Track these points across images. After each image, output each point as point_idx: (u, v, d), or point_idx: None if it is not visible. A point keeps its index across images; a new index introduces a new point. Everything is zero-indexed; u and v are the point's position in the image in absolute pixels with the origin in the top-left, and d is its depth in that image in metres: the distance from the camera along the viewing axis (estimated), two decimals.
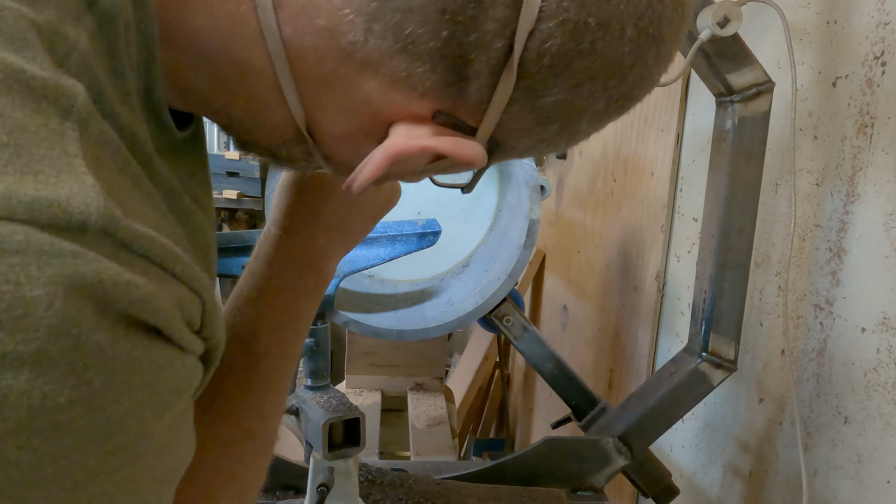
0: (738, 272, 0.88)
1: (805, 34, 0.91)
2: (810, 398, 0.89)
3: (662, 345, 1.30)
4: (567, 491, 0.90)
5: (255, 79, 0.34)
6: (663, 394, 0.91)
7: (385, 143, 0.36)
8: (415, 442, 1.18)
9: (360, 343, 1.32)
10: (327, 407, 0.74)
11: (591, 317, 1.64)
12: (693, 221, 1.19)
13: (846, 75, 0.84)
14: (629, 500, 1.39)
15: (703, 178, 0.92)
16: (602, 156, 1.59)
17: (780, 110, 0.91)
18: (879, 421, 0.77)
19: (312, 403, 0.75)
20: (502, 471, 0.91)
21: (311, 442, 0.75)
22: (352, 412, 0.73)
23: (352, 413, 0.73)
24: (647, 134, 1.35)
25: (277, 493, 0.88)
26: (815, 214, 0.88)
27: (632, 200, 1.42)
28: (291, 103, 0.35)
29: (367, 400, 1.32)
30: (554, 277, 1.98)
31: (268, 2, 0.32)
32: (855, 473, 0.81)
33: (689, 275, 1.17)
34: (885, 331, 0.77)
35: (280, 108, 0.36)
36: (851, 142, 0.83)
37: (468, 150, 0.36)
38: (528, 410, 2.17)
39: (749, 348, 1.02)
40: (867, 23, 0.80)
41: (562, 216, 1.91)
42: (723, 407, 1.10)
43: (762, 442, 0.99)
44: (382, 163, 0.36)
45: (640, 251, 1.36)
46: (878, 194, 0.78)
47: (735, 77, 0.83)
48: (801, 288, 0.91)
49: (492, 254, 1.06)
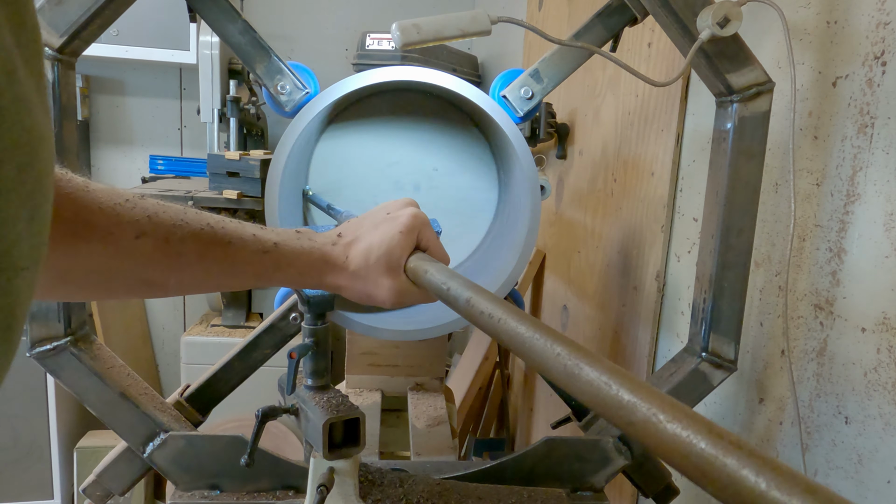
0: (738, 272, 0.88)
1: (805, 34, 0.91)
2: (810, 398, 0.89)
3: (662, 345, 1.30)
4: (567, 491, 0.90)
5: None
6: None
7: None
8: (415, 442, 1.18)
9: (360, 343, 1.32)
10: (327, 407, 0.74)
11: (591, 317, 1.64)
12: (693, 221, 1.19)
13: (846, 75, 0.84)
14: (629, 500, 1.39)
15: (703, 178, 0.92)
16: (602, 156, 1.59)
17: (780, 110, 0.91)
18: (880, 421, 0.77)
19: (312, 403, 0.75)
20: (502, 471, 0.91)
21: (311, 442, 0.75)
22: (352, 412, 0.73)
23: (352, 413, 0.73)
24: (647, 134, 1.35)
25: (277, 492, 0.88)
26: (815, 214, 0.88)
27: (632, 200, 1.41)
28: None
29: (367, 400, 1.31)
30: (554, 277, 1.98)
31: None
32: (855, 473, 0.81)
33: (689, 275, 1.17)
34: (885, 331, 0.77)
35: None
36: (851, 142, 0.83)
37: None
38: (528, 410, 2.17)
39: (749, 348, 1.02)
40: (867, 23, 0.80)
41: (562, 216, 1.91)
42: (723, 407, 1.10)
43: (762, 442, 0.99)
44: None
45: (640, 251, 1.36)
46: (878, 194, 0.78)
47: (735, 77, 0.83)
48: (801, 288, 0.91)
49: (492, 254, 1.06)
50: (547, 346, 0.40)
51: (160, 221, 0.54)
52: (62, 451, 2.48)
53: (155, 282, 0.57)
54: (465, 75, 2.52)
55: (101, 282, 0.55)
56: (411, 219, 0.67)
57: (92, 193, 0.51)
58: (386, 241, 0.65)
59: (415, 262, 0.64)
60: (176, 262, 0.56)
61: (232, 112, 2.45)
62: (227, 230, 0.59)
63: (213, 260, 0.58)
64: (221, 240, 0.58)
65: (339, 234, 0.67)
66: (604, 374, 0.35)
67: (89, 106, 2.88)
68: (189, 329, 2.58)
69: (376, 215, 0.69)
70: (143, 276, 0.56)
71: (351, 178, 1.07)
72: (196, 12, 0.88)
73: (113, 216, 0.52)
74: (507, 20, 0.84)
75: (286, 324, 0.97)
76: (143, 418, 0.86)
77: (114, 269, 0.54)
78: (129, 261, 0.54)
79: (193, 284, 0.60)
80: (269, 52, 0.90)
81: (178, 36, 2.55)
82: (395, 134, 1.07)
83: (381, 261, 0.65)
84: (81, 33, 0.81)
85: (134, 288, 0.57)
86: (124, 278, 0.55)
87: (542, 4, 2.13)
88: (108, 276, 0.54)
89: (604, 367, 0.35)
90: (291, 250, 0.62)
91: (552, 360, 0.39)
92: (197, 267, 0.58)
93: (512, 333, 0.43)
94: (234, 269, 0.59)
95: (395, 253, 0.65)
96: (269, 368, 1.03)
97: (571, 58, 0.91)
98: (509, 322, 0.44)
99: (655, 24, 0.91)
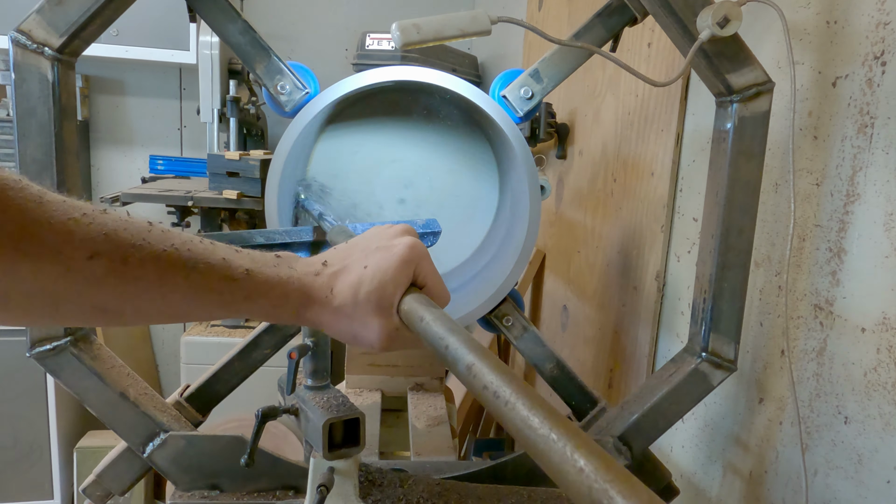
0: (738, 272, 0.87)
1: (805, 34, 0.91)
2: (810, 398, 0.89)
3: (662, 345, 1.30)
4: None
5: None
6: (663, 394, 0.91)
7: None
8: (415, 442, 1.18)
9: None
10: (327, 407, 0.74)
11: (591, 317, 1.64)
12: (693, 221, 1.19)
13: (846, 75, 0.84)
14: None
15: (703, 178, 0.92)
16: (602, 156, 1.59)
17: (780, 110, 0.91)
18: (879, 421, 0.77)
19: (312, 403, 0.75)
20: (502, 471, 0.91)
21: (311, 442, 0.75)
22: (352, 412, 0.73)
23: (352, 413, 0.73)
24: (647, 134, 1.35)
25: (277, 492, 0.88)
26: (815, 214, 0.88)
27: (632, 200, 1.41)
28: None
29: (367, 400, 1.31)
30: (554, 277, 1.98)
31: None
32: (855, 473, 0.81)
33: (689, 275, 1.17)
34: (885, 331, 0.77)
35: None
36: (851, 142, 0.83)
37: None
38: None
39: (749, 348, 1.02)
40: (867, 23, 0.80)
41: (562, 216, 1.91)
42: (723, 407, 1.10)
43: (762, 442, 0.99)
44: None
45: (640, 251, 1.36)
46: (878, 194, 0.78)
47: (735, 77, 0.83)
48: (801, 288, 0.91)
49: (492, 254, 1.06)
50: (567, 453, 0.31)
51: (118, 240, 0.49)
52: (62, 451, 2.48)
53: (108, 308, 0.51)
54: (465, 75, 2.52)
55: (47, 305, 0.49)
56: (408, 250, 0.58)
57: (44, 206, 0.46)
58: (378, 275, 0.56)
59: (409, 304, 0.56)
60: (133, 287, 0.50)
61: (232, 112, 2.46)
62: (194, 253, 0.52)
63: (174, 286, 0.51)
64: (185, 264, 0.51)
65: (324, 261, 0.59)
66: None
67: (89, 106, 2.88)
68: (189, 329, 2.58)
69: (369, 242, 0.60)
70: (95, 302, 0.50)
71: (350, 178, 1.07)
72: (196, 12, 0.88)
73: (64, 232, 0.46)
74: (507, 20, 0.84)
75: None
76: (143, 418, 0.86)
77: (62, 292, 0.48)
78: (79, 283, 0.48)
79: (152, 313, 0.53)
80: (269, 52, 0.90)
81: (178, 36, 2.55)
82: (395, 134, 1.07)
83: (371, 297, 0.56)
84: (81, 33, 0.81)
85: (85, 314, 0.51)
86: (73, 303, 0.49)
87: (542, 4, 2.13)
88: (54, 299, 0.48)
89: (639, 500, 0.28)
90: (265, 279, 0.55)
91: (573, 474, 0.30)
92: (156, 293, 0.51)
93: (521, 425, 0.34)
94: (197, 297, 0.53)
95: (387, 289, 0.56)
96: (269, 368, 1.02)
97: (571, 58, 0.91)
98: (518, 409, 0.35)
99: (655, 24, 0.91)
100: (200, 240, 0.54)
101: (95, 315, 0.51)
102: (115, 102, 2.93)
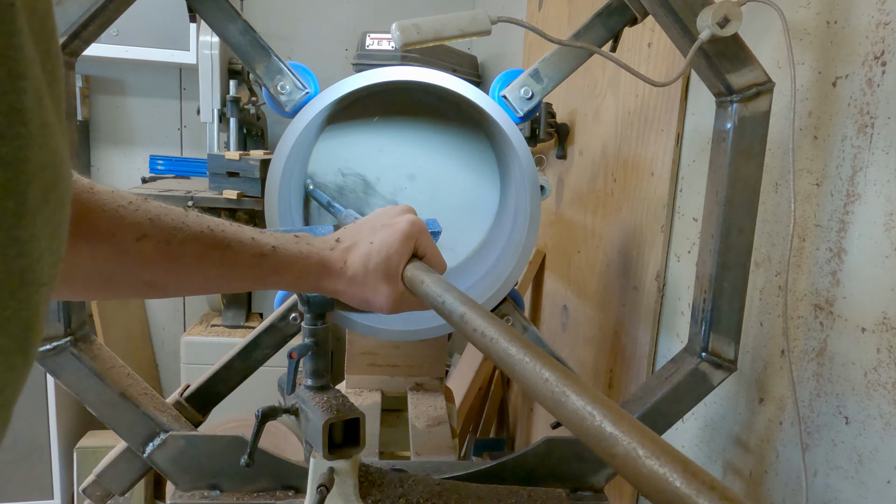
0: (738, 272, 0.88)
1: (805, 34, 0.91)
2: (810, 398, 0.89)
3: (662, 345, 1.30)
4: (567, 491, 0.90)
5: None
6: (663, 394, 0.91)
7: None
8: (415, 442, 1.18)
9: (360, 343, 1.32)
10: (327, 407, 0.74)
11: (591, 317, 1.64)
12: (693, 221, 1.19)
13: (846, 75, 0.84)
14: (629, 500, 1.39)
15: (703, 178, 0.92)
16: (602, 156, 1.59)
17: (780, 110, 0.91)
18: (880, 421, 0.77)
19: (312, 403, 0.75)
20: (502, 471, 0.91)
21: (311, 442, 0.75)
22: (352, 412, 0.73)
23: (352, 413, 0.73)
24: (647, 134, 1.35)
25: (277, 493, 0.88)
26: (815, 214, 0.88)
27: (632, 200, 1.41)
28: None
29: (367, 400, 1.31)
30: (554, 277, 1.98)
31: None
32: (855, 473, 0.81)
33: (689, 275, 1.17)
34: (885, 331, 0.77)
35: None
36: (851, 142, 0.83)
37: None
38: (528, 410, 2.17)
39: (749, 348, 1.02)
40: (867, 23, 0.80)
41: (562, 216, 1.91)
42: (723, 407, 1.10)
43: (762, 442, 0.99)
44: None
45: (640, 251, 1.36)
46: (878, 194, 0.78)
47: (735, 77, 0.83)
48: (801, 288, 0.91)
49: (492, 254, 1.06)
50: (536, 370, 0.40)
51: (162, 224, 0.55)
52: (62, 451, 2.48)
53: (155, 283, 0.58)
54: (465, 75, 2.52)
55: (103, 282, 0.55)
56: (409, 226, 0.67)
57: (96, 195, 0.52)
58: (385, 248, 0.65)
59: (412, 271, 0.65)
60: (176, 264, 0.57)
61: (232, 112, 2.45)
62: (227, 233, 0.59)
63: (212, 263, 0.59)
64: (220, 243, 0.59)
65: (337, 238, 0.68)
66: (589, 404, 0.35)
67: (89, 106, 2.88)
68: (189, 329, 2.58)
69: (375, 221, 0.69)
70: (143, 278, 0.57)
71: (350, 177, 1.07)
72: (196, 12, 0.88)
73: (116, 218, 0.53)
74: (507, 20, 0.84)
75: (286, 324, 0.97)
76: (143, 418, 0.86)
77: (115, 270, 0.54)
78: (130, 262, 0.55)
79: (193, 286, 0.61)
80: (269, 52, 0.90)
81: (178, 36, 2.55)
82: (395, 134, 1.07)
83: (379, 267, 0.65)
84: (81, 33, 0.81)
85: (135, 289, 0.58)
86: (125, 279, 0.56)
87: (542, 4, 2.13)
88: (109, 276, 0.55)
89: (589, 397, 0.36)
90: (289, 254, 0.63)
91: (540, 384, 0.39)
92: (196, 269, 0.58)
93: (502, 354, 0.44)
94: (233, 272, 0.60)
95: (393, 260, 0.65)
96: (269, 368, 1.03)
97: (571, 58, 0.91)
98: (500, 342, 0.45)
99: (655, 24, 0.91)
100: (230, 222, 0.61)
101: (144, 290, 0.59)
102: (116, 102, 2.93)
